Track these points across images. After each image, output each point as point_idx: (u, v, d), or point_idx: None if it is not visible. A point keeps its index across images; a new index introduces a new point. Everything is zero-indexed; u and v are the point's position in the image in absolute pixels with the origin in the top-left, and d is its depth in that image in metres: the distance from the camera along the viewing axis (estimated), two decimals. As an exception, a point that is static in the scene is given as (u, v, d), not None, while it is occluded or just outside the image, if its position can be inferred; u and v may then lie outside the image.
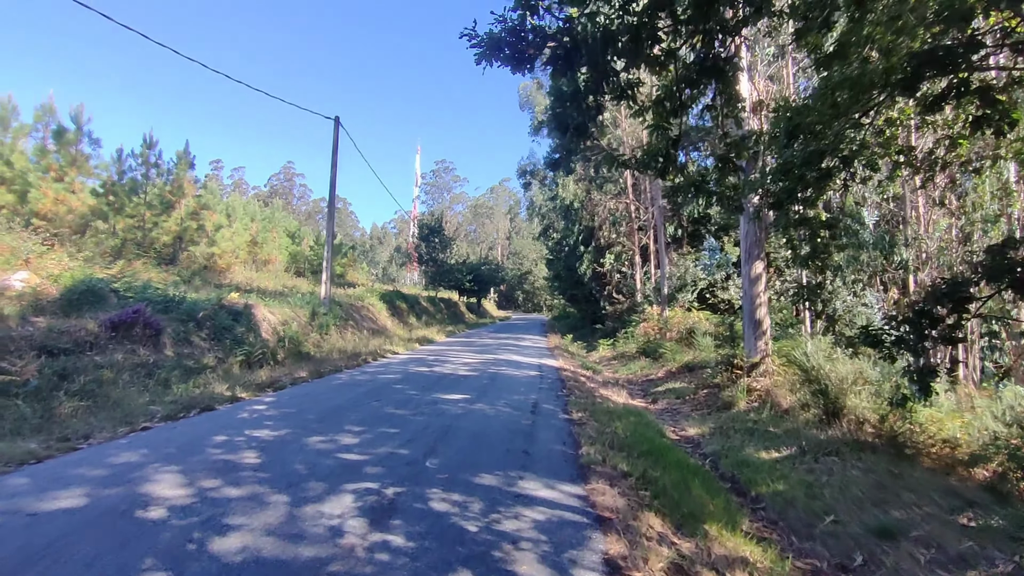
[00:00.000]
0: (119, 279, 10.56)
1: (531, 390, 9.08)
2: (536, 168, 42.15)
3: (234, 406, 7.21)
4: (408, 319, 27.79)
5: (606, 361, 17.09)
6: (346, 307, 20.88)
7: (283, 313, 14.92)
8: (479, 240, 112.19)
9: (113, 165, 21.20)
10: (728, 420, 8.49)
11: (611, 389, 11.07)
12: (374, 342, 16.81)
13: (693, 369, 12.31)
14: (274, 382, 9.24)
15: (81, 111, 17.48)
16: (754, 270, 10.09)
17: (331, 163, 18.08)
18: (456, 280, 46.27)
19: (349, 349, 14.89)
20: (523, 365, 13.07)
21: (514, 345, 19.34)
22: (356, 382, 9.50)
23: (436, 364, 12.54)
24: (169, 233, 21.02)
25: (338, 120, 18.16)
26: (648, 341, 16.00)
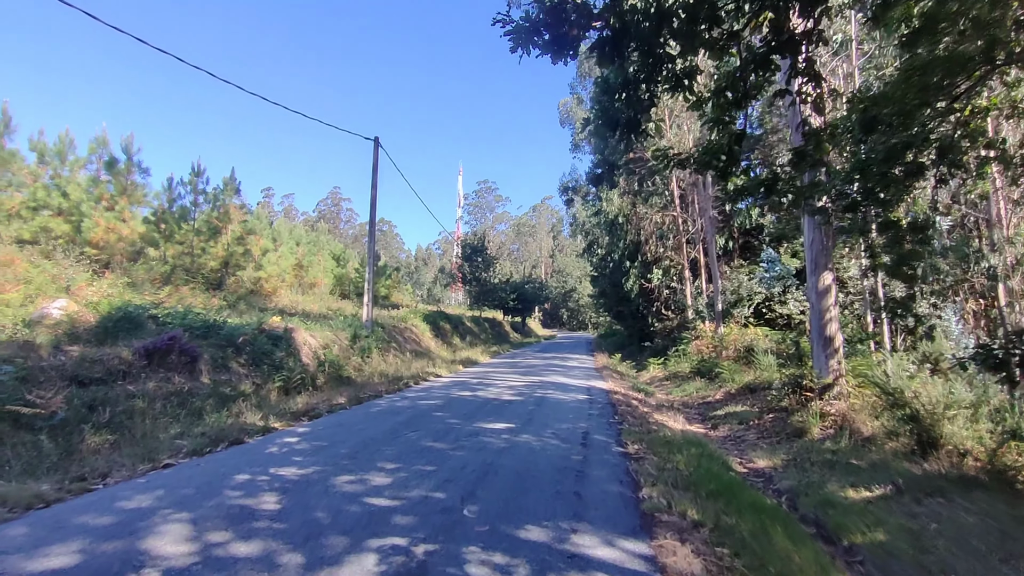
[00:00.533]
0: (157, 305, 10.44)
1: (580, 417, 8.40)
2: (578, 184, 41.63)
3: (265, 438, 6.81)
4: (452, 340, 27.43)
5: (658, 382, 16.20)
6: (389, 329, 20.62)
7: (324, 336, 14.68)
8: (522, 259, 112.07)
9: (164, 193, 21.71)
10: (801, 450, 7.60)
11: (666, 414, 10.26)
12: (417, 365, 16.41)
13: (755, 391, 11.37)
14: (310, 410, 8.85)
15: (131, 141, 17.93)
16: (822, 282, 9.19)
17: (371, 183, 17.98)
18: (499, 299, 45.89)
19: (391, 372, 14.51)
20: (570, 388, 12.39)
21: (560, 366, 18.65)
22: (395, 409, 9.02)
23: (479, 388, 11.99)
24: (216, 259, 21.29)
25: (377, 140, 18.08)
26: (702, 360, 15.06)
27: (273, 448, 6.18)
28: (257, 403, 9.34)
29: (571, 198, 41.67)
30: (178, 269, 20.57)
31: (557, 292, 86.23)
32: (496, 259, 45.67)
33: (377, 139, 18.09)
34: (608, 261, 26.57)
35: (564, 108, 51.21)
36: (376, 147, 18.07)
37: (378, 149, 18.08)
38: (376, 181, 18.02)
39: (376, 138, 18.08)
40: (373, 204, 18.04)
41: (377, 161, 18.07)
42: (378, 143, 18.09)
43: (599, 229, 25.09)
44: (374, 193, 17.99)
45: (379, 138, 18.10)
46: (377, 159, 18.07)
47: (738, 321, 16.24)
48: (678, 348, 18.65)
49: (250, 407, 8.81)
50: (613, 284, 29.25)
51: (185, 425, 7.46)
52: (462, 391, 11.35)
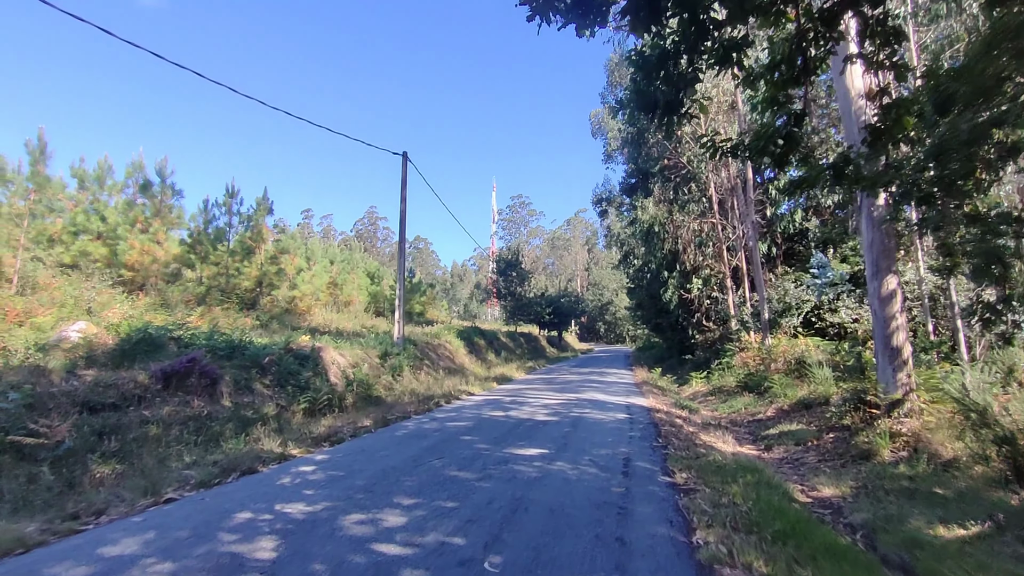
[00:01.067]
0: (181, 326, 10.19)
1: (620, 439, 7.71)
2: (612, 195, 40.85)
3: (280, 467, 6.34)
4: (486, 356, 26.92)
5: (701, 397, 15.30)
6: (421, 346, 20.22)
7: (353, 355, 14.31)
8: (557, 273, 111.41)
9: (200, 215, 21.97)
10: (872, 475, 6.74)
11: (714, 433, 9.46)
12: (449, 382, 15.91)
13: (810, 407, 10.45)
14: (333, 434, 8.39)
15: (165, 164, 18.09)
16: (885, 286, 8.31)
17: (400, 198, 17.69)
18: (535, 313, 45.27)
19: (422, 391, 14.03)
20: (609, 406, 11.67)
21: (598, 381, 17.89)
22: (422, 432, 8.48)
23: (513, 407, 11.38)
24: (249, 279, 21.31)
25: (406, 155, 17.82)
26: (749, 373, 14.13)
27: (286, 479, 5.70)
28: (279, 427, 8.95)
29: (605, 209, 40.93)
30: (213, 290, 20.66)
31: (593, 305, 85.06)
32: (531, 273, 45.12)
33: (405, 154, 17.84)
34: (644, 272, 25.73)
35: (596, 119, 50.64)
36: (404, 162, 17.81)
37: (406, 164, 17.82)
38: (405, 196, 17.75)
39: (404, 153, 17.84)
40: (402, 219, 17.74)
41: (406, 176, 17.81)
42: (407, 158, 17.83)
43: (634, 239, 24.32)
44: (403, 208, 17.70)
45: (407, 153, 17.86)
46: (406, 174, 17.80)
47: (786, 331, 15.25)
48: (721, 361, 17.69)
49: (270, 432, 8.42)
50: (650, 295, 28.33)
51: (200, 452, 7.07)
52: (494, 411, 10.77)
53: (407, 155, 17.85)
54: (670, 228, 20.16)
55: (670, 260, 21.23)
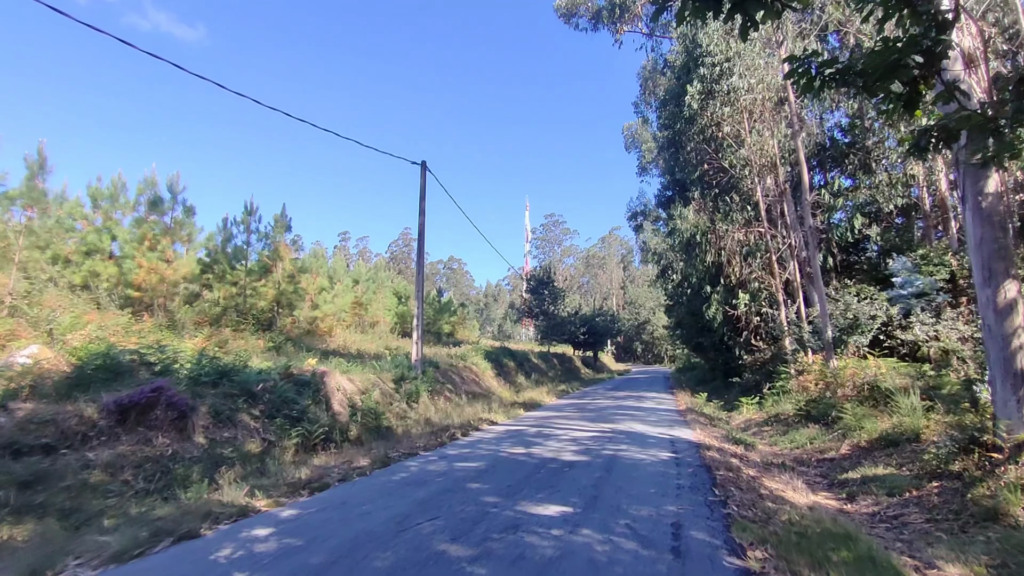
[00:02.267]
0: (159, 349, 9.06)
1: (666, 490, 6.13)
2: (647, 209, 39.25)
3: (231, 528, 5.01)
4: (516, 378, 25.44)
5: (755, 427, 13.48)
6: (444, 369, 18.89)
7: (364, 380, 13.05)
8: (592, 291, 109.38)
9: (219, 234, 21.30)
10: (1010, 546, 5.02)
11: (779, 477, 7.77)
12: (470, 410, 14.48)
13: (896, 444, 8.65)
14: (319, 478, 7.04)
15: (177, 180, 17.36)
16: (1001, 295, 6.57)
17: (419, 210, 16.55)
18: (569, 333, 43.58)
19: (437, 420, 12.65)
20: (650, 440, 10.06)
21: (636, 408, 16.21)
22: (424, 477, 7.07)
23: (537, 441, 9.87)
24: (266, 298, 20.42)
25: (424, 165, 16.71)
26: (811, 400, 12.30)
27: (226, 550, 4.35)
28: (261, 467, 7.67)
29: (640, 224, 39.40)
30: (230, 311, 19.85)
31: (630, 324, 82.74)
32: (564, 291, 43.55)
33: (424, 163, 16.73)
34: (684, 287, 23.93)
35: (629, 132, 49.25)
36: (424, 172, 16.69)
37: (425, 174, 16.69)
38: (423, 208, 16.58)
39: (423, 163, 16.73)
40: (421, 233, 16.56)
41: (424, 187, 16.67)
42: (425, 167, 16.72)
43: (673, 252, 22.63)
44: (421, 221, 16.53)
45: (426, 163, 16.74)
46: (424, 185, 16.67)
47: (855, 351, 13.37)
48: (775, 385, 15.82)
49: (249, 474, 7.15)
50: (691, 313, 26.44)
51: (150, 504, 5.82)
52: (514, 447, 9.27)
53: (426, 164, 16.74)
54: (712, 238, 18.46)
55: (713, 274, 19.47)
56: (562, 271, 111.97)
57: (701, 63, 17.26)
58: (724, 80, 16.80)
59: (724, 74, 16.66)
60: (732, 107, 16.90)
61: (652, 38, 29.65)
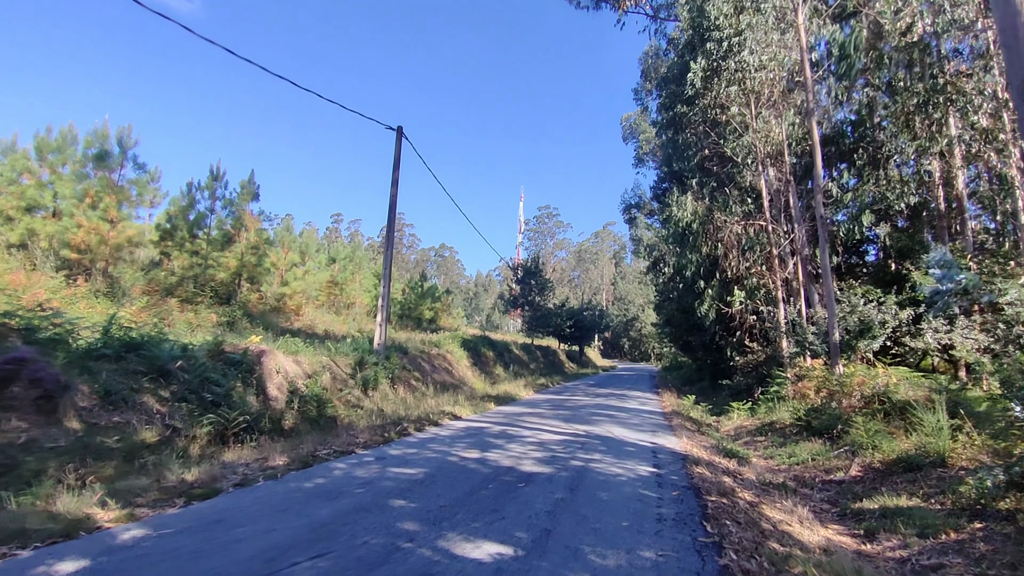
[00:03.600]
0: (48, 314, 7.56)
1: (643, 524, 4.74)
2: (642, 201, 37.86)
3: (29, 558, 3.58)
4: (494, 370, 24.05)
5: (747, 435, 12.18)
6: (413, 356, 17.46)
7: (314, 362, 11.59)
8: (583, 286, 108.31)
9: (183, 199, 19.76)
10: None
11: (781, 504, 6.43)
12: (434, 401, 13.07)
13: (918, 468, 7.32)
14: (206, 482, 5.61)
15: (128, 133, 15.70)
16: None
17: (391, 180, 15.06)
18: (555, 326, 42.25)
19: (393, 412, 11.24)
20: (628, 448, 8.69)
21: (617, 409, 14.86)
22: (342, 486, 5.65)
23: (497, 444, 8.48)
24: (227, 270, 18.87)
25: (400, 131, 15.22)
26: (813, 409, 10.99)
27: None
28: (151, 462, 6.24)
29: (633, 217, 38.05)
30: (187, 280, 18.33)
31: (618, 320, 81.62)
32: (551, 282, 42.12)
33: (400, 129, 15.22)
34: (676, 282, 22.61)
35: (627, 122, 47.87)
36: (399, 138, 15.19)
37: (400, 140, 15.19)
38: (396, 178, 15.08)
39: (399, 128, 15.22)
40: (392, 205, 15.06)
41: (399, 155, 15.18)
42: (401, 133, 15.22)
43: (666, 244, 21.23)
44: (394, 192, 15.03)
45: (402, 128, 15.23)
46: (399, 152, 15.17)
47: (863, 357, 12.07)
48: (768, 390, 14.54)
49: (113, 474, 5.71)
50: (682, 309, 25.15)
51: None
52: (469, 449, 7.87)
53: (402, 130, 15.23)
54: (710, 229, 17.09)
55: (708, 267, 18.12)
56: (553, 264, 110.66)
57: (708, 38, 15.80)
58: (732, 57, 15.36)
59: (732, 50, 15.22)
60: (739, 87, 15.48)
61: (656, 20, 28.15)
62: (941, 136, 15.74)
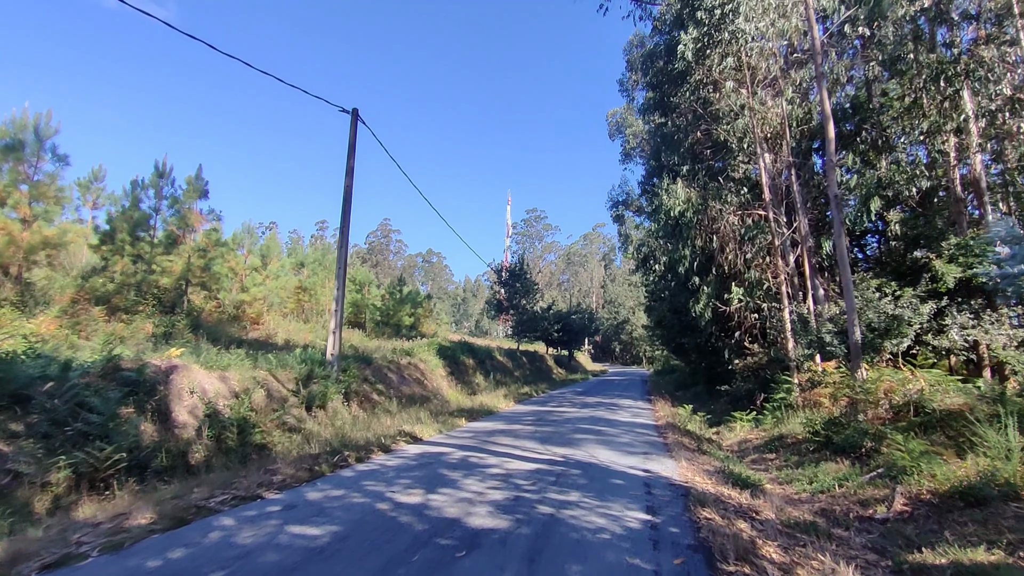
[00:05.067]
0: None
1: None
2: (630, 198, 36.33)
3: None
4: (473, 379, 22.31)
5: (754, 452, 10.54)
6: (379, 366, 15.69)
7: (246, 379, 9.82)
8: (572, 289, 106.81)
9: (125, 198, 18.01)
10: None
11: (815, 559, 4.76)
12: (391, 420, 11.31)
13: (987, 502, 5.71)
14: (10, 560, 3.87)
15: (46, 120, 13.84)
16: None
17: (346, 168, 13.35)
18: (542, 330, 40.60)
19: (338, 436, 9.48)
20: (615, 482, 7.01)
21: (605, 422, 13.18)
22: (201, 563, 3.92)
23: (450, 480, 6.77)
24: (170, 275, 17.05)
25: (356, 113, 13.53)
26: (832, 422, 9.37)
27: None
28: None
29: (621, 214, 36.46)
30: (128, 287, 16.51)
31: (608, 324, 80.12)
32: (536, 284, 40.45)
33: (356, 111, 13.53)
34: (668, 280, 21.01)
35: (613, 118, 46.48)
36: (354, 121, 13.49)
37: (356, 124, 13.50)
38: (352, 166, 13.37)
39: (354, 110, 13.53)
40: (347, 194, 13.33)
41: (355, 140, 13.48)
42: (357, 116, 13.52)
43: (656, 239, 19.63)
44: (349, 182, 13.31)
45: (358, 110, 13.54)
46: (355, 137, 13.47)
47: (887, 359, 10.49)
48: (774, 397, 12.94)
49: None
50: (674, 309, 23.56)
51: None
52: (411, 489, 6.15)
53: (358, 112, 13.53)
54: (704, 219, 15.51)
55: (703, 262, 16.53)
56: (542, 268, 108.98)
57: (699, 6, 14.23)
58: (726, 27, 13.80)
59: (726, 19, 13.65)
60: (735, 59, 13.93)
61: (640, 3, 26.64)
62: (956, 113, 14.28)
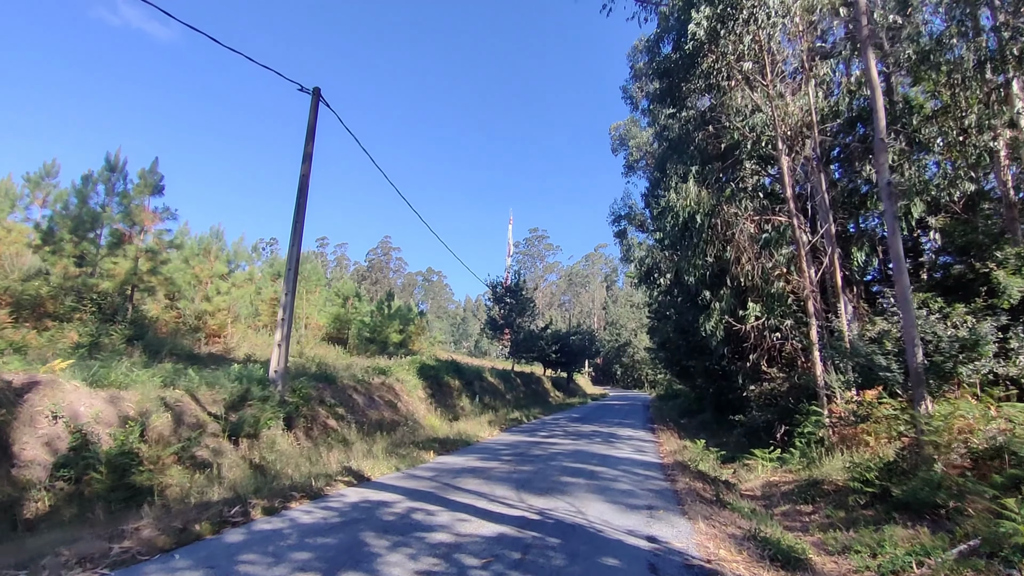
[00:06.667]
0: None
1: None
2: (633, 212, 34.51)
3: None
4: (457, 402, 20.18)
5: (783, 499, 8.45)
6: (343, 387, 13.64)
7: (148, 400, 7.78)
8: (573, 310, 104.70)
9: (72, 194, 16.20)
10: None
11: None
12: (338, 455, 9.23)
13: None
14: None
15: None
16: None
17: (303, 154, 11.48)
18: (539, 350, 38.41)
19: (254, 476, 7.42)
20: (606, 561, 4.94)
21: (601, 458, 11.08)
22: None
23: (368, 556, 4.70)
24: (112, 278, 15.13)
25: (318, 92, 11.70)
26: (888, 468, 7.30)
27: None
28: None
29: (624, 229, 34.56)
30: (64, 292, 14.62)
31: (610, 345, 77.73)
32: (532, 301, 38.39)
33: (317, 90, 11.71)
34: (674, 295, 18.99)
35: (616, 132, 44.87)
36: (316, 101, 11.65)
37: (317, 104, 11.66)
38: (311, 151, 11.49)
39: (316, 89, 11.71)
40: (303, 184, 11.39)
41: (314, 123, 11.63)
42: (318, 95, 11.69)
43: (661, 249, 17.67)
44: (306, 169, 11.41)
45: (320, 89, 11.73)
46: (315, 119, 11.63)
47: (964, 389, 8.41)
48: (802, 430, 10.87)
49: None
50: (680, 329, 21.48)
51: None
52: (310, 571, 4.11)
53: (319, 92, 11.71)
54: (717, 225, 13.56)
55: (715, 274, 14.53)
56: (543, 288, 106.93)
57: (712, -17, 12.44)
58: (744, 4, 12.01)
59: (744, -4, 11.86)
60: (754, 39, 12.11)
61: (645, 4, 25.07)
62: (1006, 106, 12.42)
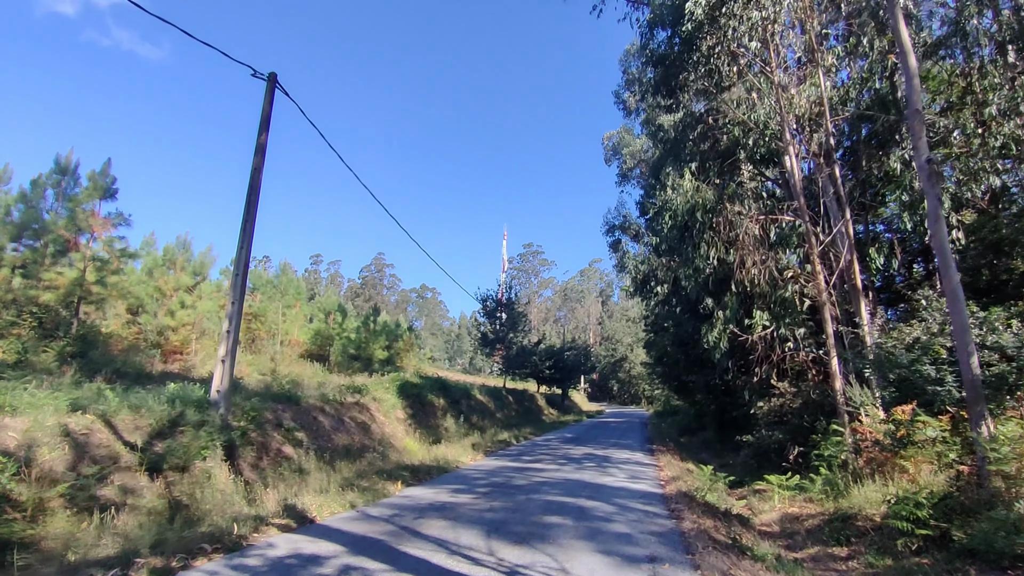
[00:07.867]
0: None
1: None
2: (627, 222, 33.37)
3: None
4: (441, 422, 18.72)
5: (808, 539, 7.09)
6: (308, 408, 12.23)
7: (44, 427, 6.37)
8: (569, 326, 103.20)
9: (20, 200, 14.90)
10: None
11: None
12: (282, 490, 7.82)
13: None
14: None
15: None
16: None
17: (255, 145, 10.20)
18: (533, 367, 36.98)
19: (160, 521, 6.00)
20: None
21: (593, 489, 9.67)
22: None
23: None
24: (54, 290, 13.75)
25: (274, 78, 10.46)
26: (946, 503, 5.97)
27: None
28: None
29: (618, 239, 33.37)
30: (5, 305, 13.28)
31: (606, 361, 76.27)
32: (524, 315, 37.04)
33: (273, 76, 10.48)
34: (672, 305, 17.66)
35: (609, 142, 43.95)
36: (271, 88, 10.40)
37: (273, 90, 10.41)
38: (265, 141, 10.21)
39: (272, 74, 10.48)
40: (255, 176, 10.08)
41: (269, 110, 10.37)
42: (275, 81, 10.45)
43: (658, 255, 16.41)
44: (258, 161, 10.12)
45: (276, 74, 10.50)
46: (270, 106, 10.37)
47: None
48: (820, 453, 9.54)
49: None
50: (679, 341, 20.17)
51: None
52: None
53: (276, 77, 10.48)
54: (719, 224, 12.31)
55: (717, 280, 13.25)
56: (538, 304, 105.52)
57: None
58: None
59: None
60: (761, 14, 10.97)
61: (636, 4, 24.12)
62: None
